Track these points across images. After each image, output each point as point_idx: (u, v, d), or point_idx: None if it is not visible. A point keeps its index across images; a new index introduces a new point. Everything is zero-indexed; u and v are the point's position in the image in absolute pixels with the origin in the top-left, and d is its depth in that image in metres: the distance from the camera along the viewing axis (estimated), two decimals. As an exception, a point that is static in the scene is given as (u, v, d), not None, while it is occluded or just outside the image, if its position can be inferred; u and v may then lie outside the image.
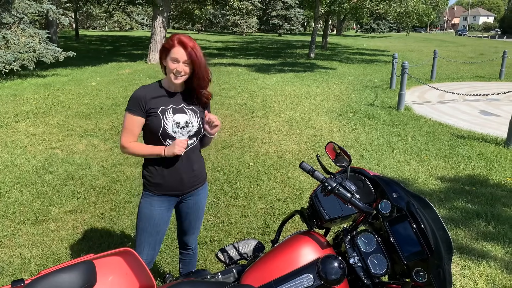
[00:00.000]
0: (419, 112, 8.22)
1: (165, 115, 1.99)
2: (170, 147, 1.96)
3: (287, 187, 4.40)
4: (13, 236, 3.32)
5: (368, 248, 1.48)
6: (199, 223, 2.32)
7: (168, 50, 1.93)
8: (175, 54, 1.92)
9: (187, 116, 2.03)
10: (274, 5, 49.73)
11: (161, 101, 2.01)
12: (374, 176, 1.61)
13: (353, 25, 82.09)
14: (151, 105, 1.98)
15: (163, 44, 1.98)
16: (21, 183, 4.34)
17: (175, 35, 1.97)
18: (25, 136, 5.94)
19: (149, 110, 1.98)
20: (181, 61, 1.92)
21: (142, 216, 2.10)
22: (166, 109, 2.00)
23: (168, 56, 1.94)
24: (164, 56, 1.97)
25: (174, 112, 2.01)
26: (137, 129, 2.02)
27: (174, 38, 1.94)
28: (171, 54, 1.92)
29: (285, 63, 17.30)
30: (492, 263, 3.06)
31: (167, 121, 1.99)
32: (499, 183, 4.63)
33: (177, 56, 1.91)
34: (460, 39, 51.03)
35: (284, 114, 7.79)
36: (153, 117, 1.98)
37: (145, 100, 1.97)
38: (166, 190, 2.08)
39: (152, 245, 2.14)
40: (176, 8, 29.27)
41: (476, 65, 17.82)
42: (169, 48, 1.93)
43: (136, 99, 1.97)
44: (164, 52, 1.97)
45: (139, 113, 1.98)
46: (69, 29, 41.11)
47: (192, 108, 2.07)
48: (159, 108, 1.99)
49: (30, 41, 10.91)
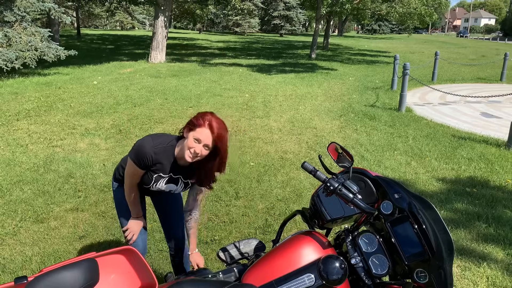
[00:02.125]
0: (420, 114, 8.22)
1: (158, 182, 2.02)
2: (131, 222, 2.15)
3: (288, 187, 4.41)
4: (14, 234, 3.33)
5: (369, 248, 1.48)
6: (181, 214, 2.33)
7: (195, 126, 1.82)
8: (199, 134, 1.80)
9: (175, 187, 2.06)
10: (276, 6, 49.72)
11: (164, 167, 1.97)
12: (376, 176, 1.61)
13: (355, 26, 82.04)
14: (153, 167, 1.96)
15: (192, 118, 1.86)
16: (22, 181, 4.35)
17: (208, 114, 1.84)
18: (27, 134, 5.95)
19: (148, 168, 1.96)
20: (202, 143, 1.81)
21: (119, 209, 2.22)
22: (163, 177, 2.00)
23: (192, 132, 1.82)
24: (188, 129, 1.86)
25: (167, 182, 2.03)
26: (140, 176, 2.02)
27: (205, 118, 1.82)
28: (196, 133, 1.80)
29: (287, 63, 17.30)
30: (493, 264, 3.06)
31: (154, 186, 2.03)
32: (500, 185, 4.63)
33: (201, 137, 1.80)
34: (461, 40, 51.00)
35: (285, 114, 7.80)
36: (147, 175, 1.99)
37: (151, 160, 1.92)
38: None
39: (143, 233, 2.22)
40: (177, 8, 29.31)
41: (478, 67, 17.81)
42: (197, 125, 1.81)
43: (143, 156, 1.89)
44: (190, 126, 1.85)
45: (142, 167, 1.95)
46: (70, 28, 41.14)
47: (187, 181, 2.07)
48: (157, 173, 1.98)
49: (32, 40, 10.92)
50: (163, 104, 8.27)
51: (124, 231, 2.17)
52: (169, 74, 12.73)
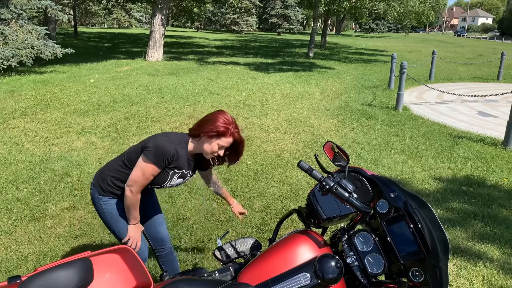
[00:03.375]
0: (417, 113, 8.23)
1: (173, 178, 2.03)
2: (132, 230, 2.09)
3: (285, 186, 4.41)
4: (9, 233, 3.32)
5: (365, 247, 1.48)
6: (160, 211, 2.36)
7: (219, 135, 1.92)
8: (224, 143, 1.94)
9: (183, 180, 2.11)
10: (274, 4, 49.69)
11: (180, 165, 2.01)
12: (372, 175, 1.61)
13: (352, 25, 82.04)
14: (172, 164, 1.98)
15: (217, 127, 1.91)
16: (18, 180, 4.33)
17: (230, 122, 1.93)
18: (23, 133, 5.93)
19: (166, 167, 1.97)
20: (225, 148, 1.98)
21: (117, 218, 2.13)
22: (177, 173, 2.03)
23: (217, 139, 1.93)
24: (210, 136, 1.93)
25: (181, 177, 2.06)
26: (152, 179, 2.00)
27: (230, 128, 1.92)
28: (221, 142, 1.93)
29: (284, 62, 17.29)
30: (488, 263, 3.07)
31: (169, 183, 2.05)
32: (496, 184, 4.64)
33: (225, 144, 1.95)
34: (458, 40, 51.11)
35: (282, 113, 7.79)
36: (163, 173, 1.99)
37: (173, 158, 1.95)
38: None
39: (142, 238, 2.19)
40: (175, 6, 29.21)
41: (475, 66, 17.86)
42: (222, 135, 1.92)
43: (167, 154, 1.92)
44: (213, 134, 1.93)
45: (162, 167, 1.96)
46: (67, 26, 40.98)
47: (190, 173, 2.12)
48: (173, 170, 2.00)
49: (28, 37, 10.87)
50: (160, 102, 8.25)
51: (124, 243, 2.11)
52: (167, 72, 12.71)
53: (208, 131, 1.93)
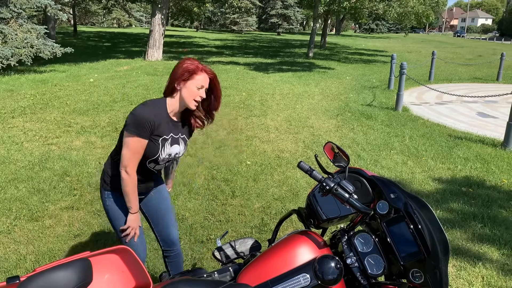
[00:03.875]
0: (417, 113, 8.23)
1: (164, 146, 1.97)
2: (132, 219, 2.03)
3: (285, 186, 4.40)
4: (8, 232, 3.31)
5: (365, 248, 1.48)
6: (173, 213, 2.31)
7: (193, 75, 1.90)
8: (202, 81, 1.91)
9: (179, 148, 2.05)
10: (273, 4, 49.71)
11: (165, 129, 1.96)
12: (372, 176, 1.61)
13: (352, 25, 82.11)
14: (156, 131, 1.92)
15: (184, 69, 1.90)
16: (17, 179, 4.32)
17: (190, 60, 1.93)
18: (22, 132, 5.92)
19: (152, 136, 1.92)
20: (205, 87, 1.93)
21: (118, 216, 2.09)
22: (167, 139, 1.98)
23: (190, 82, 1.90)
24: (183, 80, 1.90)
25: (172, 143, 2.01)
26: (142, 152, 1.94)
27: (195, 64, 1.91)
28: (197, 81, 1.90)
29: (284, 62, 17.29)
30: (488, 264, 3.07)
31: (163, 152, 1.98)
32: (495, 185, 4.64)
33: (204, 83, 1.91)
34: (458, 40, 51.15)
35: (282, 113, 7.79)
36: (152, 143, 1.93)
37: (153, 124, 1.90)
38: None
39: (141, 237, 2.16)
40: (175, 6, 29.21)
41: (474, 66, 17.87)
42: (194, 73, 1.89)
43: (144, 122, 1.87)
44: (184, 76, 1.90)
45: (146, 137, 1.90)
46: (67, 25, 40.95)
47: (184, 137, 2.07)
48: (162, 137, 1.95)
49: (27, 37, 10.86)
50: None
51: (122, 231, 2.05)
52: (166, 72, 12.70)
53: (179, 76, 1.91)
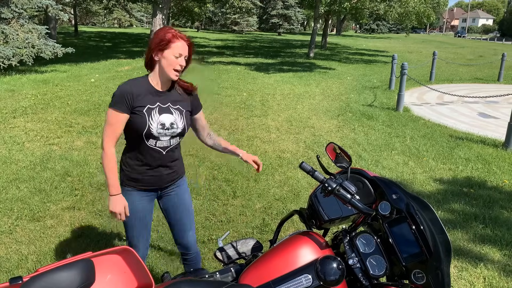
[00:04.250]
0: (418, 113, 8.23)
1: (151, 115, 1.92)
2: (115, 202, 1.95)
3: (286, 186, 4.40)
4: (10, 233, 3.31)
5: (367, 249, 1.48)
6: (191, 218, 2.26)
7: (169, 44, 1.86)
8: (179, 49, 1.86)
9: (173, 117, 1.98)
10: (274, 4, 49.69)
11: (148, 99, 1.93)
12: (374, 177, 1.61)
13: (353, 25, 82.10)
14: (137, 102, 1.90)
15: (161, 36, 1.87)
16: (18, 179, 4.33)
17: (165, 28, 1.90)
18: (23, 132, 5.93)
19: (134, 108, 1.90)
20: (183, 55, 1.89)
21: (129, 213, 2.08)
22: (152, 108, 1.93)
23: (168, 51, 1.86)
24: (160, 50, 1.87)
25: (160, 112, 1.95)
26: (121, 127, 1.93)
27: (170, 32, 1.88)
28: (175, 49, 1.86)
29: (285, 62, 17.29)
30: (490, 265, 3.07)
31: (152, 122, 1.92)
32: (497, 185, 4.64)
33: (182, 51, 1.87)
34: (459, 41, 51.10)
35: (283, 113, 7.79)
36: (138, 115, 1.90)
37: (132, 96, 1.88)
38: (144, 185, 2.06)
39: (145, 238, 2.16)
40: (175, 6, 29.22)
41: (475, 67, 17.85)
42: (170, 41, 1.86)
43: (122, 95, 1.88)
44: (162, 46, 1.87)
45: (124, 110, 1.89)
46: (68, 25, 40.99)
47: (178, 107, 2.01)
48: (145, 106, 1.91)
49: (29, 37, 10.87)
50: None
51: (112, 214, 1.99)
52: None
53: (155, 46, 1.87)
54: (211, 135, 2.21)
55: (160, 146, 1.99)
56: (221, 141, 2.21)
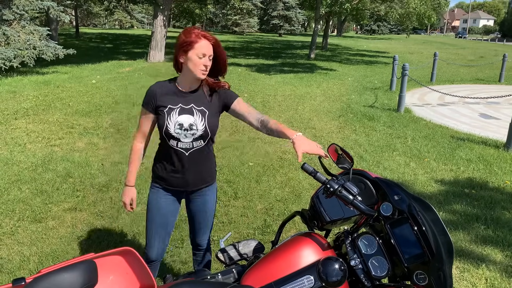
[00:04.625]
0: (419, 114, 8.22)
1: (170, 115, 1.94)
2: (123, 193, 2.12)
3: (287, 187, 4.40)
4: (12, 234, 3.32)
5: (369, 250, 1.48)
6: (208, 225, 2.27)
7: (191, 44, 1.85)
8: (202, 48, 1.85)
9: (193, 118, 1.95)
10: (275, 5, 49.71)
11: (171, 99, 1.96)
12: (376, 178, 1.61)
13: (354, 26, 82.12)
14: (161, 102, 1.96)
15: (184, 38, 1.87)
16: (20, 181, 4.33)
17: (194, 29, 1.89)
18: (25, 133, 5.94)
19: (158, 108, 1.97)
20: (207, 55, 1.88)
21: (150, 207, 2.14)
22: (174, 109, 1.95)
23: (192, 51, 1.86)
24: (184, 52, 1.88)
25: (180, 112, 1.95)
26: (147, 125, 2.04)
27: (194, 32, 1.87)
28: (198, 49, 1.85)
29: (285, 63, 17.30)
30: (492, 266, 3.06)
31: (170, 122, 1.93)
32: (498, 186, 4.63)
33: (205, 51, 1.86)
34: (460, 41, 51.08)
35: (284, 114, 7.79)
36: (160, 115, 1.96)
37: (156, 96, 1.96)
38: (170, 185, 2.09)
39: (162, 237, 2.16)
40: (176, 7, 29.27)
41: (476, 68, 17.84)
42: (193, 42, 1.85)
43: (149, 94, 1.98)
44: (186, 47, 1.86)
45: (150, 109, 1.99)
46: (69, 27, 41.06)
47: (202, 109, 1.97)
48: (167, 106, 1.95)
49: (30, 38, 10.89)
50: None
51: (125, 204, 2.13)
52: (168, 73, 12.71)
53: (179, 48, 1.89)
54: (262, 121, 1.95)
55: (182, 147, 1.99)
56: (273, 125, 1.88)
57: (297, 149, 1.62)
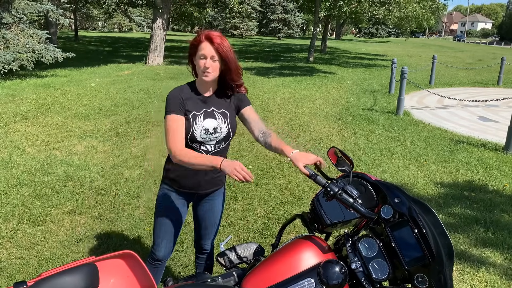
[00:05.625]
0: (418, 117, 8.24)
1: (196, 120, 1.94)
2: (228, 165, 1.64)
3: (287, 190, 4.40)
4: (11, 237, 3.31)
5: (369, 253, 1.48)
6: (214, 229, 2.29)
7: (196, 46, 1.87)
8: (202, 50, 1.85)
9: (216, 122, 1.97)
10: (274, 9, 49.82)
11: (194, 104, 1.96)
12: (376, 181, 1.61)
13: (352, 30, 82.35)
14: (187, 106, 1.94)
15: (191, 41, 1.90)
16: (19, 184, 4.33)
17: (203, 31, 1.90)
18: (24, 137, 5.93)
19: (186, 110, 1.94)
20: (208, 57, 1.85)
21: (159, 209, 2.12)
22: (198, 114, 1.95)
23: (196, 54, 1.88)
24: (193, 54, 1.91)
25: (205, 117, 1.96)
26: (183, 130, 1.89)
27: (201, 33, 1.87)
28: (199, 51, 1.86)
29: (284, 66, 17.32)
30: (491, 269, 3.06)
31: (196, 127, 1.93)
32: (497, 189, 4.64)
33: (205, 52, 1.84)
34: (458, 44, 51.24)
35: (283, 117, 7.80)
36: (186, 120, 1.93)
37: (182, 99, 1.93)
38: (183, 187, 2.08)
39: (170, 239, 2.16)
40: (175, 10, 29.33)
41: (475, 71, 17.89)
42: (197, 44, 1.86)
43: (175, 98, 1.92)
44: (192, 50, 1.90)
45: (181, 113, 1.91)
46: (68, 30, 41.09)
47: (222, 111, 2.00)
48: (191, 112, 1.94)
49: (29, 41, 10.90)
50: (161, 106, 8.26)
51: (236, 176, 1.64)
52: (167, 76, 12.73)
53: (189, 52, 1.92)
54: (264, 133, 1.96)
55: (204, 150, 2.00)
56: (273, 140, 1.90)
57: (297, 164, 1.65)
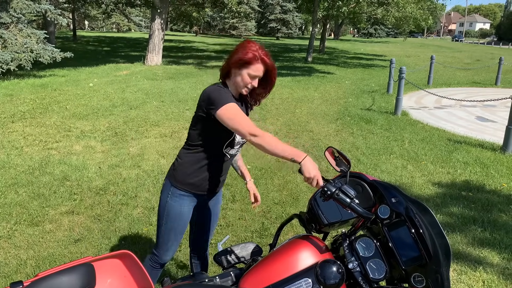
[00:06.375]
0: (416, 117, 8.25)
1: None
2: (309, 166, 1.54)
3: (285, 190, 4.41)
4: (9, 237, 3.31)
5: (366, 253, 1.48)
6: (213, 227, 2.31)
7: (249, 63, 1.84)
8: (258, 71, 1.86)
9: None
10: (272, 9, 49.82)
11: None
12: (373, 181, 1.61)
13: (351, 30, 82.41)
14: None
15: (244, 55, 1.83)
16: (17, 184, 4.32)
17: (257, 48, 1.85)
18: (22, 137, 5.92)
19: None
20: (258, 77, 1.88)
21: (172, 215, 2.03)
22: None
23: (246, 69, 1.85)
24: (239, 66, 1.86)
25: None
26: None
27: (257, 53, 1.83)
28: (252, 71, 1.84)
29: (283, 66, 17.33)
30: (489, 268, 3.07)
31: None
32: (495, 189, 4.65)
33: (259, 74, 1.87)
34: (456, 45, 51.31)
35: (281, 117, 7.80)
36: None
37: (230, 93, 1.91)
38: (203, 190, 2.04)
39: (178, 243, 2.15)
40: (174, 10, 29.30)
41: (473, 71, 17.93)
42: (251, 62, 1.84)
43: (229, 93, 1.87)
44: (239, 60, 1.85)
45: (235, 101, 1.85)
46: (66, 30, 41.03)
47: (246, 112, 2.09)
48: None
49: (27, 41, 10.88)
50: (160, 106, 8.25)
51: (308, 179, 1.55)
52: (166, 76, 12.72)
53: (234, 62, 1.86)
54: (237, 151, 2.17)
55: (230, 153, 2.02)
56: (238, 160, 2.23)
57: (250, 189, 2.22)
